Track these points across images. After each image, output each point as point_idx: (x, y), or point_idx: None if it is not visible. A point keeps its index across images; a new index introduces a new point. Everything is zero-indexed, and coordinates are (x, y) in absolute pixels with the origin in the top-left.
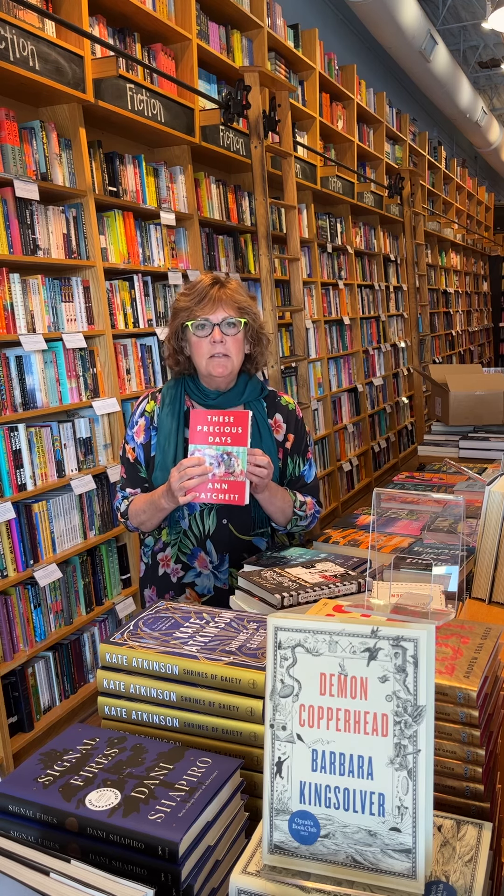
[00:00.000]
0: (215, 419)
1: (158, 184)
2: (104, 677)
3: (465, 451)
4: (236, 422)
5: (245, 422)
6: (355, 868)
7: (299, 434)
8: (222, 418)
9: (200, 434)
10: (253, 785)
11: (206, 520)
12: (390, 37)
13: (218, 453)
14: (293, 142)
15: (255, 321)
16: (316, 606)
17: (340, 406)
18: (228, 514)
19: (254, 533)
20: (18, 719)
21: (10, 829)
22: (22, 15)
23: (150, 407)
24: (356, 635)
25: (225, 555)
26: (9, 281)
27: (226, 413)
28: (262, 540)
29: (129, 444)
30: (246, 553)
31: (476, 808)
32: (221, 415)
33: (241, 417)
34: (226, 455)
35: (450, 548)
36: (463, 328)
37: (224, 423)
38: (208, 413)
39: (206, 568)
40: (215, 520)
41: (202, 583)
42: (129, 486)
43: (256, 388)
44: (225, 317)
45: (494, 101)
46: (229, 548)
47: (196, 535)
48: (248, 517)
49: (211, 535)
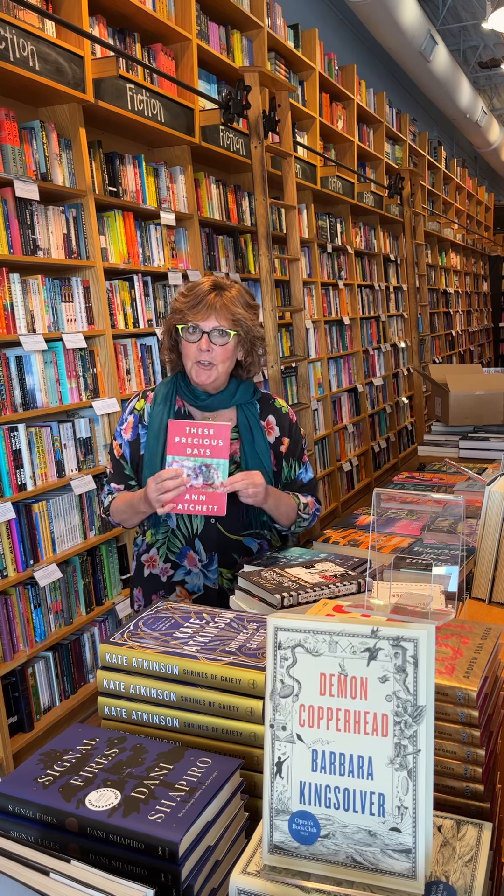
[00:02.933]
0: (194, 431)
1: (158, 184)
2: (104, 677)
3: (465, 451)
4: (216, 434)
5: (225, 434)
6: (355, 868)
7: (294, 438)
8: (201, 430)
9: (178, 445)
10: (253, 785)
11: (195, 519)
12: (390, 37)
13: (196, 465)
14: (293, 142)
15: (248, 333)
16: (316, 606)
17: (340, 406)
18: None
19: (245, 533)
20: (18, 719)
21: (10, 829)
22: (22, 15)
23: (139, 405)
24: (356, 635)
25: (214, 554)
26: (9, 281)
27: (205, 426)
28: (253, 540)
29: (116, 439)
30: (236, 553)
31: (476, 808)
32: (201, 427)
33: (221, 430)
34: (204, 467)
35: (450, 548)
36: (463, 328)
37: (203, 436)
38: (187, 425)
39: (196, 566)
40: (203, 519)
41: (192, 581)
42: (115, 481)
43: (249, 391)
44: (216, 326)
45: (494, 101)
46: (218, 547)
47: (184, 534)
48: (237, 517)
49: (199, 535)
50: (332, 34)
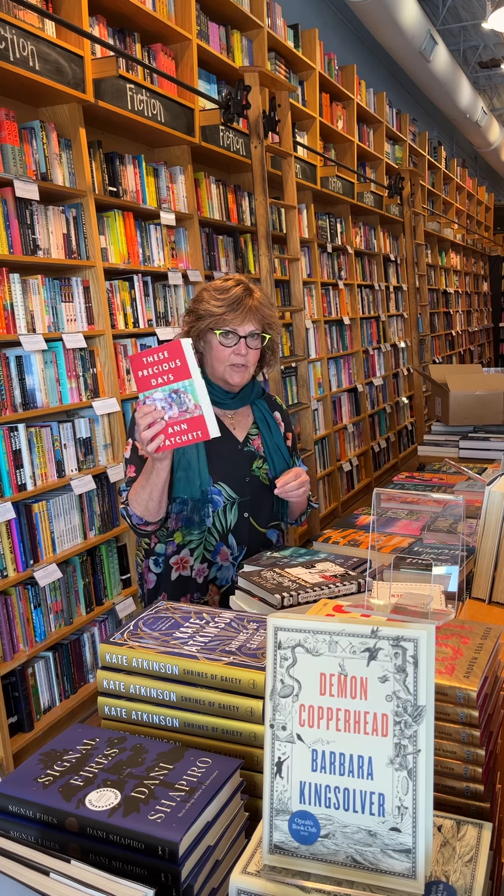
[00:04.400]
0: (151, 359)
1: (158, 184)
2: (104, 677)
3: (465, 451)
4: (171, 355)
5: (180, 352)
6: (355, 868)
7: (294, 432)
8: (158, 355)
9: (143, 380)
10: (253, 785)
11: (229, 514)
12: (390, 37)
13: (166, 394)
14: (293, 142)
15: (277, 337)
16: (316, 606)
17: (340, 406)
18: (249, 507)
19: (270, 525)
20: (18, 719)
21: (10, 829)
22: (22, 15)
23: None
24: (356, 635)
25: (244, 547)
26: (9, 281)
27: (160, 349)
28: (274, 532)
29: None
30: (261, 545)
31: (476, 808)
32: (157, 352)
33: (175, 348)
34: (174, 394)
35: (450, 548)
36: (463, 328)
37: (162, 361)
38: (144, 355)
39: (227, 560)
40: (237, 513)
41: (222, 575)
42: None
43: (258, 388)
44: (252, 330)
45: (494, 101)
46: (248, 540)
47: (219, 530)
48: (267, 510)
49: (233, 529)
50: (332, 34)
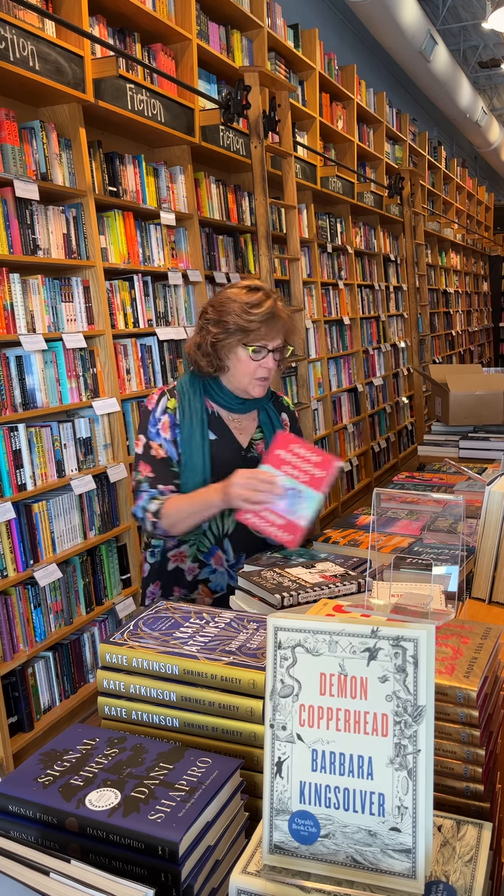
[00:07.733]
0: (300, 451)
1: (158, 184)
2: (104, 677)
3: (465, 451)
4: (321, 465)
5: (330, 468)
6: (355, 868)
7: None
8: (308, 453)
9: (277, 458)
10: (253, 785)
11: (226, 519)
12: (390, 37)
13: (288, 486)
14: (293, 142)
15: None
16: (316, 606)
17: (340, 406)
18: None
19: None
20: (18, 719)
21: (10, 829)
22: (22, 15)
23: (171, 404)
24: (356, 635)
25: (241, 554)
26: (9, 281)
27: (315, 451)
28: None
29: (154, 440)
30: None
31: (476, 808)
32: (309, 450)
33: (328, 463)
34: (295, 492)
35: (450, 548)
36: (463, 328)
37: (307, 460)
38: (295, 441)
39: (222, 566)
40: (234, 519)
41: (216, 580)
42: (162, 483)
43: (268, 391)
44: (278, 344)
45: (494, 101)
46: (246, 548)
47: (214, 533)
48: None
49: (229, 535)
50: (332, 34)
